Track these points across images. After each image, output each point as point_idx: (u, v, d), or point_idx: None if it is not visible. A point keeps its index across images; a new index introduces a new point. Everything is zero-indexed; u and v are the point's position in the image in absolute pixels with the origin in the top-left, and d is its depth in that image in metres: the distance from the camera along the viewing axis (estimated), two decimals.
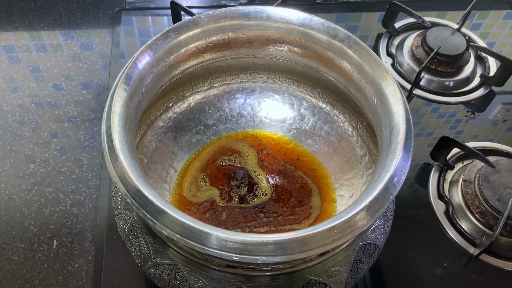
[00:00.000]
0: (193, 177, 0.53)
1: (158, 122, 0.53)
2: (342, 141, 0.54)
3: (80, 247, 0.54)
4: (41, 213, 0.56)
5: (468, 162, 0.61)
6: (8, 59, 0.71)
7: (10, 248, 0.54)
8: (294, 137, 0.57)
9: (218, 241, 0.32)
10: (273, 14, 0.45)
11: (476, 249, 0.54)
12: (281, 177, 0.54)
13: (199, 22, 0.45)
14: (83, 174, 0.60)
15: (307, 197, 0.52)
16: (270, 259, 0.33)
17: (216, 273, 0.40)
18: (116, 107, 0.38)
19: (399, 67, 0.73)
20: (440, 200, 0.58)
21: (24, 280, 0.51)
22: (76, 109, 0.66)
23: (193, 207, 0.51)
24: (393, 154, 0.37)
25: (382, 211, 0.35)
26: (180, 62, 0.46)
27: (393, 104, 0.40)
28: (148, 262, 0.43)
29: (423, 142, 0.66)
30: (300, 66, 0.50)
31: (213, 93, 0.56)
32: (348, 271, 0.42)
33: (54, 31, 0.75)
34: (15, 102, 0.66)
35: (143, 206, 0.34)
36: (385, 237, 0.46)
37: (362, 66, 0.43)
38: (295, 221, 0.50)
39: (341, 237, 0.34)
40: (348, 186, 0.52)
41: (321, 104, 0.55)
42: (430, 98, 0.70)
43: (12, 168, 0.60)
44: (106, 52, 0.73)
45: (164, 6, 0.79)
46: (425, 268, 0.53)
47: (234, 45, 0.48)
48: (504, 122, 0.69)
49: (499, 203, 0.53)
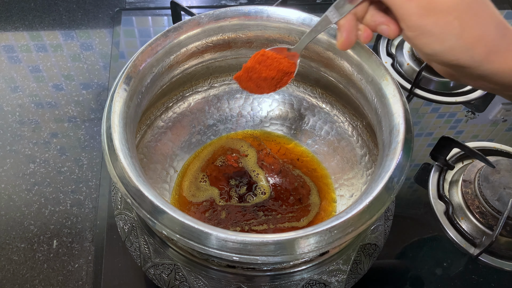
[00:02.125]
0: (193, 177, 0.53)
1: (158, 122, 0.53)
2: (342, 141, 0.54)
3: (80, 247, 0.54)
4: (41, 213, 0.56)
5: (468, 162, 0.61)
6: (8, 59, 0.71)
7: (10, 248, 0.54)
8: (294, 137, 0.57)
9: (218, 241, 0.32)
10: (273, 14, 0.45)
11: (476, 249, 0.54)
12: (280, 177, 0.54)
13: (199, 22, 0.45)
14: (83, 174, 0.60)
15: (306, 196, 0.52)
16: (270, 259, 0.33)
17: (216, 273, 0.40)
18: (116, 107, 0.38)
19: (399, 67, 0.73)
20: (440, 200, 0.58)
21: (24, 280, 0.51)
22: (76, 109, 0.66)
23: (192, 206, 0.51)
24: (393, 154, 0.37)
25: (382, 211, 0.35)
26: (180, 62, 0.46)
27: (393, 104, 0.40)
28: (148, 262, 0.43)
29: (423, 142, 0.66)
30: (300, 66, 0.50)
31: (213, 93, 0.56)
32: (348, 271, 0.42)
33: (54, 31, 0.75)
34: (15, 102, 0.66)
35: (143, 206, 0.34)
36: (385, 237, 0.46)
37: (362, 66, 0.43)
38: (294, 219, 0.50)
39: (341, 237, 0.34)
40: (348, 186, 0.52)
41: (321, 104, 0.55)
42: (430, 98, 0.70)
43: (12, 168, 0.60)
44: (106, 52, 0.73)
45: (164, 6, 0.79)
46: (425, 268, 0.53)
47: (234, 45, 0.48)
48: (504, 122, 0.69)
49: (499, 203, 0.53)
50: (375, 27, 0.37)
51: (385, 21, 0.36)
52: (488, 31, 0.33)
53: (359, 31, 0.38)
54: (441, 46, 0.33)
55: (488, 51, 0.33)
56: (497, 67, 0.33)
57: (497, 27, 0.33)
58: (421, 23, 0.33)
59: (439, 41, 0.33)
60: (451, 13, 0.32)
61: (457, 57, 0.33)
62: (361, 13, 0.37)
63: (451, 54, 0.33)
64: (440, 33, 0.33)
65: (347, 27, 0.37)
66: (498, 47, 0.33)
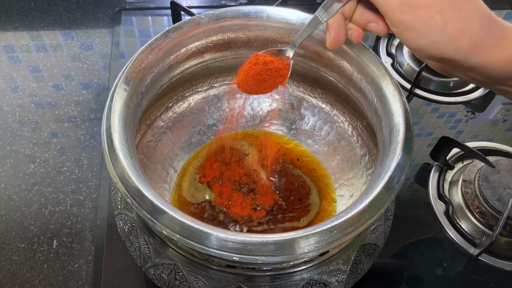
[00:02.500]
0: (193, 177, 0.53)
1: (158, 122, 0.53)
2: (342, 141, 0.54)
3: (80, 247, 0.54)
4: (41, 213, 0.56)
5: (468, 162, 0.61)
6: (8, 59, 0.71)
7: (10, 248, 0.54)
8: (294, 137, 0.57)
9: (218, 241, 0.32)
10: (273, 14, 0.45)
11: (476, 249, 0.54)
12: (280, 177, 0.54)
13: (199, 22, 0.45)
14: (83, 174, 0.60)
15: (306, 196, 0.52)
16: (270, 259, 0.33)
17: (216, 273, 0.40)
18: (116, 107, 0.38)
19: (399, 67, 0.73)
20: (440, 200, 0.58)
21: (24, 280, 0.51)
22: (76, 109, 0.66)
23: (192, 206, 0.51)
24: (393, 154, 0.37)
25: (382, 211, 0.35)
26: (180, 62, 0.46)
27: (393, 104, 0.40)
28: (148, 262, 0.43)
29: (423, 142, 0.66)
30: (300, 66, 0.50)
31: (213, 93, 0.56)
32: (348, 271, 0.42)
33: (54, 31, 0.75)
34: (15, 102, 0.66)
35: (143, 206, 0.34)
36: (385, 237, 0.46)
37: (362, 66, 0.43)
38: (294, 219, 0.50)
39: (341, 237, 0.34)
40: (348, 186, 0.52)
41: (321, 104, 0.55)
42: (430, 98, 0.70)
43: (12, 168, 0.60)
44: (106, 52, 0.73)
45: (164, 6, 0.79)
46: (425, 268, 0.53)
47: (234, 45, 0.48)
48: (504, 122, 0.69)
49: (499, 203, 0.53)
50: (364, 26, 0.37)
51: (374, 19, 0.36)
52: (472, 24, 0.33)
53: (350, 30, 0.38)
54: (424, 41, 0.34)
55: (473, 44, 0.33)
56: (484, 60, 0.34)
57: (482, 20, 0.33)
58: (403, 18, 0.33)
59: (422, 36, 0.33)
60: (432, 7, 0.32)
61: (441, 51, 0.34)
62: (349, 12, 0.37)
63: (435, 48, 0.34)
64: (422, 28, 0.33)
65: (335, 27, 0.38)
66: (483, 40, 0.33)
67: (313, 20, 0.39)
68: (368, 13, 0.36)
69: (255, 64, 0.42)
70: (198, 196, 0.52)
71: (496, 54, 0.33)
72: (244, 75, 0.43)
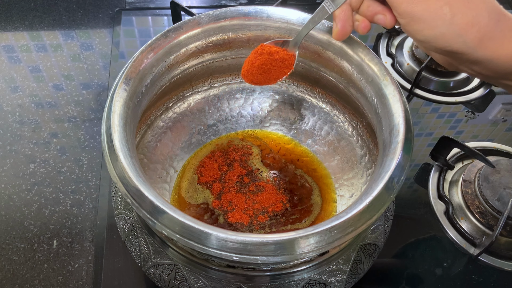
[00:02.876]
0: (193, 177, 0.53)
1: (158, 122, 0.53)
2: (342, 141, 0.54)
3: (80, 247, 0.54)
4: (41, 213, 0.56)
5: (468, 162, 0.61)
6: (8, 59, 0.71)
7: (10, 248, 0.54)
8: (294, 137, 0.57)
9: (218, 241, 0.32)
10: (273, 14, 0.45)
11: (476, 249, 0.54)
12: (281, 177, 0.54)
13: (199, 22, 0.45)
14: (83, 174, 0.60)
15: (307, 196, 0.52)
16: (270, 259, 0.33)
17: (216, 273, 0.40)
18: (116, 107, 0.38)
19: (399, 67, 0.73)
20: (440, 200, 0.58)
21: (24, 280, 0.51)
22: (76, 109, 0.66)
23: (192, 206, 0.51)
24: (393, 154, 0.37)
25: (382, 211, 0.35)
26: (180, 62, 0.46)
27: (393, 104, 0.40)
28: (148, 262, 0.43)
29: (423, 142, 0.66)
30: (300, 66, 0.50)
31: (213, 93, 0.56)
32: (348, 271, 0.42)
33: (54, 31, 0.75)
34: (15, 102, 0.66)
35: (143, 206, 0.34)
36: (385, 237, 0.46)
37: (362, 66, 0.43)
38: (296, 220, 0.50)
39: (341, 237, 0.34)
40: (348, 186, 0.52)
41: (321, 104, 0.55)
42: (430, 98, 0.70)
43: (12, 168, 0.60)
44: (106, 52, 0.73)
45: (164, 6, 0.79)
46: (425, 268, 0.53)
47: (234, 45, 0.48)
48: (504, 122, 0.69)
49: (499, 203, 0.53)
50: (371, 17, 0.37)
51: (381, 10, 0.36)
52: (480, 17, 0.32)
53: (357, 21, 0.38)
54: (432, 32, 0.33)
55: (481, 37, 0.33)
56: (491, 53, 0.33)
57: (491, 13, 0.33)
58: (411, 9, 0.33)
59: (430, 27, 0.33)
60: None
61: (449, 43, 0.33)
62: (356, 4, 0.37)
63: (443, 40, 0.33)
64: (430, 19, 0.33)
65: (342, 18, 0.37)
66: (492, 33, 0.33)
67: (319, 10, 0.39)
68: (376, 4, 0.36)
69: (260, 54, 0.43)
70: (198, 195, 0.52)
71: (504, 47, 0.33)
72: (249, 65, 0.43)
